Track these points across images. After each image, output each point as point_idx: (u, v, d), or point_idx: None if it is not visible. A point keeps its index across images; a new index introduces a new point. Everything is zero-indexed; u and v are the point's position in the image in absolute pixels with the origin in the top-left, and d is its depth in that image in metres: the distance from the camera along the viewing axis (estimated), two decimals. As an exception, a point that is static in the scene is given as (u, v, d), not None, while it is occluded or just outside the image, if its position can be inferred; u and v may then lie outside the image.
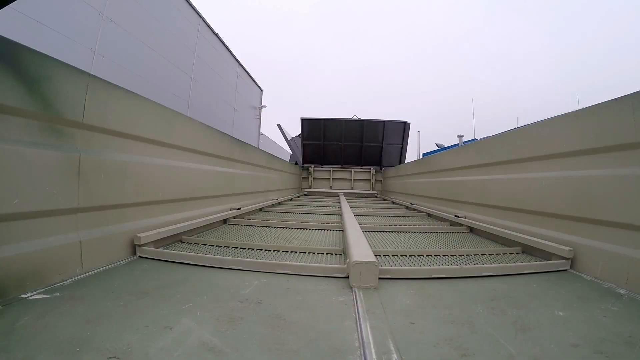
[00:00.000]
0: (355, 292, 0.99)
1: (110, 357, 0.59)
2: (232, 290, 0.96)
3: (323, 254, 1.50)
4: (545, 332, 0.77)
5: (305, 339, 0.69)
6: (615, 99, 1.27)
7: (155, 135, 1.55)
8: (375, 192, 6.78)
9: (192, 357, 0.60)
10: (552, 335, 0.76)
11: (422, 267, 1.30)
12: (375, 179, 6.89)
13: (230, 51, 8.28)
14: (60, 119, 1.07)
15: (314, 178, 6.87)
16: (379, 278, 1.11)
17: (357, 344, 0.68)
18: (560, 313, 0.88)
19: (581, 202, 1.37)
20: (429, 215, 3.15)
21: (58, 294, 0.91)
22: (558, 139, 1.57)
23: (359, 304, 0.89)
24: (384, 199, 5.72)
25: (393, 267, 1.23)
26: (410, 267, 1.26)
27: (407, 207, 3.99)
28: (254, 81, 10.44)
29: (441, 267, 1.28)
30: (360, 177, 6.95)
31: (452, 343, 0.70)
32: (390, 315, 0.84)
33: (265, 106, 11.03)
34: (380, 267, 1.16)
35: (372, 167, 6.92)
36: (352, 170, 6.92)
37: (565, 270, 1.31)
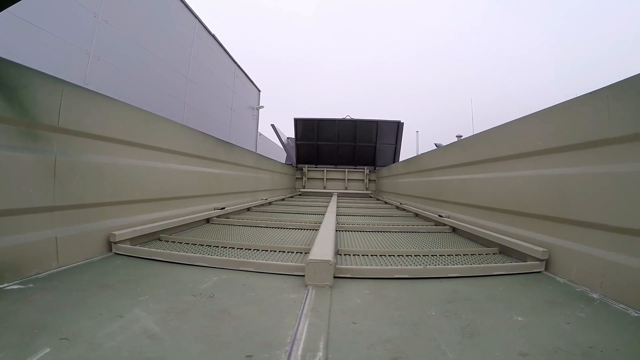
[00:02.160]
0: (309, 290, 1.01)
1: (62, 338, 0.67)
2: (190, 285, 1.03)
3: (293, 252, 1.56)
4: (496, 339, 0.74)
5: (241, 332, 0.73)
6: (590, 93, 1.22)
7: (132, 137, 1.62)
8: (370, 192, 6.83)
9: (131, 341, 0.67)
10: (502, 342, 0.72)
11: (385, 267, 1.31)
12: (369, 179, 6.94)
13: (227, 52, 8.38)
14: (37, 123, 1.14)
15: (307, 178, 6.94)
16: (338, 277, 1.15)
17: (289, 340, 0.69)
18: (520, 318, 0.85)
19: (556, 202, 1.34)
20: (417, 215, 3.17)
21: (32, 285, 0.99)
22: (533, 137, 1.55)
23: (307, 302, 0.91)
24: (377, 199, 5.77)
25: (354, 267, 1.26)
26: (371, 267, 1.28)
27: (397, 207, 4.03)
28: (252, 82, 10.53)
29: (403, 267, 1.29)
30: (354, 177, 7.01)
31: (388, 345, 0.69)
32: (335, 314, 0.84)
33: (262, 106, 11.13)
34: (340, 266, 1.20)
35: (366, 167, 6.98)
36: (346, 170, 6.98)
37: (540, 272, 1.29)
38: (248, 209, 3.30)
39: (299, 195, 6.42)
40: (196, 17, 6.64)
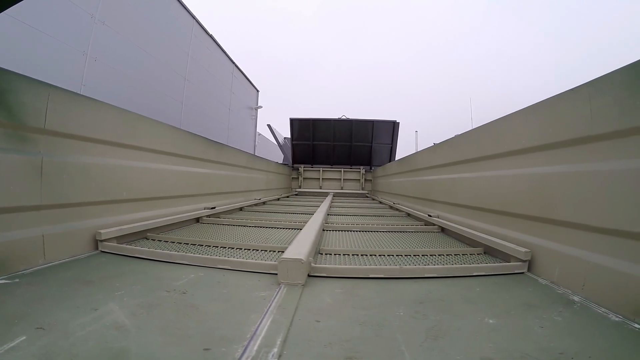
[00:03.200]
0: (280, 288, 1.03)
1: (37, 328, 0.72)
2: (166, 282, 1.07)
3: (275, 251, 1.59)
4: (460, 342, 0.72)
5: (205, 327, 0.77)
6: (571, 89, 1.20)
7: (118, 138, 1.66)
8: (366, 192, 6.87)
9: (99, 332, 0.71)
10: (466, 345, 0.70)
11: (360, 266, 1.32)
12: (365, 179, 6.99)
13: (225, 52, 8.44)
14: (24, 126, 1.19)
15: (303, 178, 6.99)
16: (313, 276, 1.17)
17: (248, 336, 0.71)
18: (491, 321, 0.83)
19: (540, 201, 1.33)
20: (409, 215, 3.18)
21: (17, 280, 1.04)
22: (518, 135, 1.54)
23: (275, 300, 0.92)
24: (373, 199, 5.80)
25: (329, 266, 1.27)
26: (347, 266, 1.29)
27: (390, 207, 4.05)
28: (250, 82, 10.59)
29: (379, 267, 1.29)
30: (350, 177, 7.06)
31: (346, 345, 0.69)
32: (301, 312, 0.85)
33: (261, 107, 11.22)
34: (316, 265, 1.21)
35: (362, 167, 7.02)
36: (342, 170, 7.03)
37: (522, 273, 1.28)
38: (240, 209, 3.35)
39: (295, 195, 6.47)
40: (193, 17, 6.69)
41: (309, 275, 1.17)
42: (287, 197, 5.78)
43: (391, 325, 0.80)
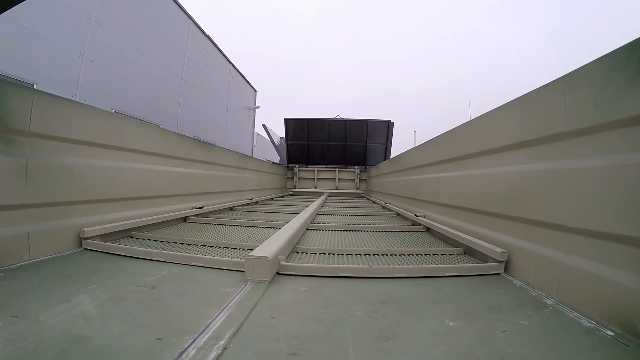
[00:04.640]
0: (246, 285, 1.06)
1: (12, 316, 0.79)
2: (140, 277, 1.13)
3: (253, 249, 1.65)
4: (411, 344, 0.70)
5: (163, 319, 0.81)
6: (546, 85, 1.17)
7: (102, 139, 1.73)
8: (361, 191, 6.93)
9: (67, 320, 0.78)
10: (417, 347, 0.69)
11: (330, 265, 1.36)
12: (359, 179, 7.04)
13: (222, 53, 8.52)
14: (8, 129, 1.27)
15: (298, 178, 7.06)
16: (283, 274, 1.21)
17: (202, 328, 0.74)
18: (451, 323, 0.81)
19: (516, 200, 1.31)
20: (398, 214, 3.20)
21: (2, 275, 1.11)
22: (495, 133, 1.55)
23: (238, 296, 0.95)
24: (367, 199, 5.84)
25: (299, 264, 1.29)
26: (316, 265, 1.32)
27: (382, 207, 4.07)
28: (248, 82, 10.67)
29: (348, 265, 1.32)
30: (344, 177, 7.12)
31: (293, 341, 0.70)
32: (260, 308, 0.88)
33: (259, 107, 11.30)
34: (285, 263, 1.25)
35: (356, 167, 7.08)
36: (337, 170, 7.09)
37: (498, 274, 1.26)
38: (231, 209, 3.41)
39: (290, 195, 6.53)
40: (190, 18, 6.76)
41: (278, 273, 1.22)
42: (282, 197, 5.84)
43: (345, 324, 0.80)
